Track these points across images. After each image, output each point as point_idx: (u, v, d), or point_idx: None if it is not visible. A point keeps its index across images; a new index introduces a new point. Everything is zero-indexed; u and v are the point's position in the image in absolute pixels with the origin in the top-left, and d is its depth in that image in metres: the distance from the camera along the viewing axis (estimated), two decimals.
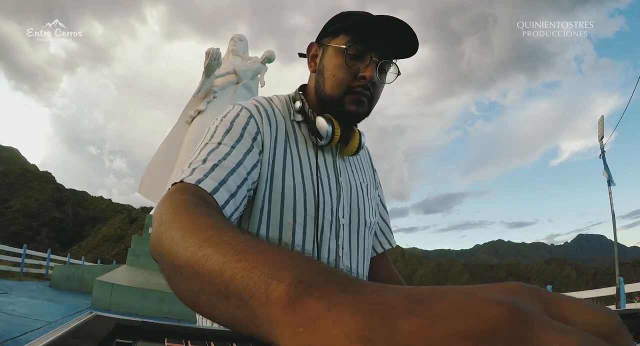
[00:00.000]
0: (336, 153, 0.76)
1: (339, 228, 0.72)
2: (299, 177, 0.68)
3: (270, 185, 0.66)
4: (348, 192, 0.76)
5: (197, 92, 10.18)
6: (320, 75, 0.71)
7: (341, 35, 0.68)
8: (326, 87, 0.70)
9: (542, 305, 0.16)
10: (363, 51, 0.67)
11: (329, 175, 0.72)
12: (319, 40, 0.74)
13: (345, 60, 0.67)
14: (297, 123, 0.73)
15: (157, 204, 0.51)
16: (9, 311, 4.41)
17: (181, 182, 0.54)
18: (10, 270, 10.43)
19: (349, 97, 0.68)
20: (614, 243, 7.60)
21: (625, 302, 6.41)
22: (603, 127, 8.11)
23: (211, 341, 0.46)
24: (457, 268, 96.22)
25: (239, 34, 11.02)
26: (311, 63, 0.75)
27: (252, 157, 0.62)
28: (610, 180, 7.60)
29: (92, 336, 0.39)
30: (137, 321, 0.44)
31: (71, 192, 79.53)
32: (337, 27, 0.69)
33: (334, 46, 0.69)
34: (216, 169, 0.55)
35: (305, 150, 0.71)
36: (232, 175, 0.56)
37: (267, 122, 0.67)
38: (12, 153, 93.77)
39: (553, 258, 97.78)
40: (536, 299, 0.17)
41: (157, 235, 0.40)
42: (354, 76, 0.67)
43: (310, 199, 0.68)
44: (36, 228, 60.00)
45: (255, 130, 0.64)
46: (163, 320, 0.47)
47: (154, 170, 10.86)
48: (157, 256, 0.40)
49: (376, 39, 0.67)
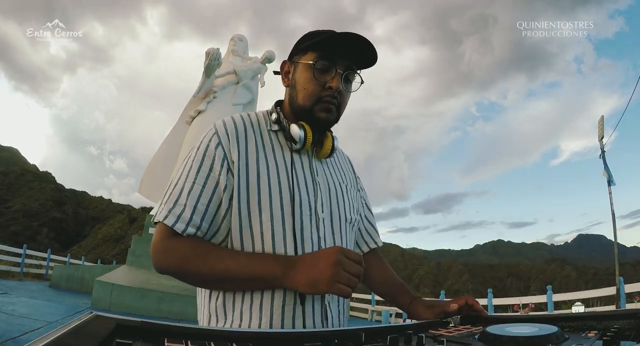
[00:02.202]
0: (312, 156, 0.84)
1: (319, 221, 0.79)
2: (274, 179, 0.76)
3: (247, 189, 0.75)
4: (326, 189, 0.83)
5: (197, 92, 10.18)
6: (293, 88, 0.82)
7: (309, 53, 0.79)
8: (298, 98, 0.80)
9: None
10: (329, 65, 0.78)
11: (305, 175, 0.81)
12: (291, 57, 0.85)
13: (313, 74, 0.78)
14: (274, 132, 0.83)
15: (154, 239, 0.73)
16: (9, 311, 4.40)
17: (160, 222, 0.73)
18: (10, 270, 10.43)
19: (318, 106, 0.79)
20: (614, 243, 7.60)
21: (625, 302, 6.41)
22: (603, 127, 8.10)
23: (211, 341, 0.46)
24: (457, 268, 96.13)
25: (239, 34, 11.01)
26: (285, 79, 0.86)
27: (221, 182, 0.74)
28: (610, 180, 7.60)
29: (92, 336, 0.39)
30: (137, 321, 0.44)
31: (71, 192, 79.54)
32: (305, 45, 0.80)
33: (303, 62, 0.80)
34: (192, 216, 0.72)
35: (281, 155, 0.80)
36: (202, 216, 0.73)
37: (234, 141, 0.77)
38: (12, 153, 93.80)
39: (553, 258, 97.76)
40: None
41: (180, 266, 0.71)
42: (322, 87, 0.78)
43: (286, 196, 0.76)
44: (36, 228, 60.01)
45: (222, 155, 0.75)
46: (163, 320, 0.47)
47: (154, 170, 10.84)
48: (179, 276, 0.74)
49: (339, 53, 0.77)
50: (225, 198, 0.74)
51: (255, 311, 0.72)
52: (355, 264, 0.65)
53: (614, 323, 0.61)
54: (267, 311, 0.71)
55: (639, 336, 0.54)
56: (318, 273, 0.64)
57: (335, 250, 0.65)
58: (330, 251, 0.66)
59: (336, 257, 0.64)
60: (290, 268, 0.67)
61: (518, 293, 48.75)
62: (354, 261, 0.65)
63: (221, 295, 0.75)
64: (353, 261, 0.65)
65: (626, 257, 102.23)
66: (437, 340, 0.53)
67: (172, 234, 0.72)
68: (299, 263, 0.68)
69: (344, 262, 0.64)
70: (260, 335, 0.50)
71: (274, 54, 11.05)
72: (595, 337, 0.55)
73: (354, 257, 0.66)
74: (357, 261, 0.66)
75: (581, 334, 0.59)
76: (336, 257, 0.64)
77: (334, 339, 0.53)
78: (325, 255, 0.66)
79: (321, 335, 0.54)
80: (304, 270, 0.66)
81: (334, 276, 0.63)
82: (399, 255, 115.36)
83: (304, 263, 0.67)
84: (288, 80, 0.85)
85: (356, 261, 0.66)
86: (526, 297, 8.51)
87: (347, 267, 0.64)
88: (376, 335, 0.58)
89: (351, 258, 0.65)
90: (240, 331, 0.50)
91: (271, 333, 0.52)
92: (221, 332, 0.49)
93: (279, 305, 0.71)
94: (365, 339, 0.54)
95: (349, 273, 0.64)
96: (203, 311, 0.78)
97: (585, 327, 0.64)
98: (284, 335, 0.53)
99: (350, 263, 0.65)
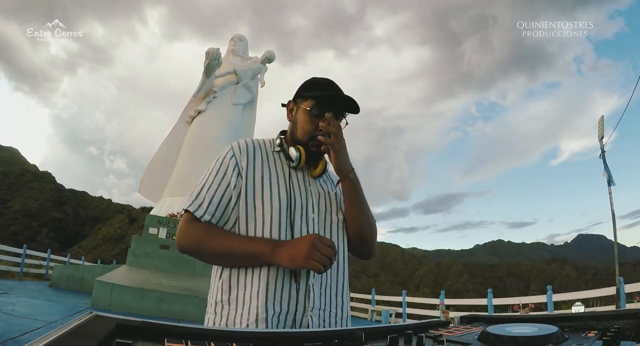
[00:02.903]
0: (306, 173, 1.09)
1: (309, 220, 1.01)
2: (275, 182, 1.01)
3: (253, 187, 0.99)
4: (317, 196, 1.06)
5: (197, 92, 10.17)
6: (294, 125, 1.08)
7: (308, 100, 1.06)
8: (297, 134, 1.07)
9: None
10: (321, 112, 1.03)
11: (299, 184, 1.05)
12: (295, 99, 1.11)
13: (309, 117, 1.04)
14: (277, 152, 1.09)
15: (180, 223, 0.99)
16: (9, 311, 4.41)
17: (188, 211, 0.98)
18: (10, 270, 10.43)
19: (312, 142, 1.05)
20: (614, 243, 7.60)
21: (625, 302, 6.41)
22: (603, 127, 8.10)
23: (211, 341, 0.46)
24: (457, 268, 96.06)
25: (239, 34, 11.00)
26: (289, 115, 1.11)
27: (232, 183, 0.99)
28: (610, 180, 7.60)
29: (92, 336, 0.39)
30: (137, 321, 0.44)
31: (71, 192, 79.51)
32: (305, 94, 1.07)
33: (303, 107, 1.06)
34: (209, 206, 0.98)
35: (281, 168, 1.06)
36: (216, 207, 0.98)
37: (245, 154, 1.03)
38: (12, 153, 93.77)
39: (553, 258, 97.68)
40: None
41: (197, 243, 0.96)
42: (315, 127, 1.04)
43: (283, 195, 0.99)
44: (36, 228, 60.00)
45: (234, 164, 1.01)
46: (163, 320, 0.47)
47: (154, 170, 10.83)
48: (195, 253, 0.98)
49: (331, 105, 1.05)
50: (234, 194, 0.98)
51: (255, 281, 0.92)
52: (327, 247, 0.85)
53: (614, 323, 0.61)
54: (263, 283, 0.91)
55: (639, 336, 0.54)
56: (297, 252, 0.85)
57: (313, 236, 0.88)
58: (309, 236, 0.89)
59: (312, 240, 0.86)
60: (277, 248, 0.89)
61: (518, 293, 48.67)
62: (327, 246, 0.86)
63: (226, 271, 0.97)
64: (326, 245, 0.86)
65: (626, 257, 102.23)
66: (437, 340, 0.54)
67: (193, 219, 0.96)
68: (284, 244, 0.90)
69: (319, 245, 0.85)
70: (260, 335, 0.50)
71: (274, 54, 11.04)
72: (595, 337, 0.55)
73: (327, 242, 0.86)
74: (329, 245, 0.86)
75: (581, 334, 0.59)
76: (312, 240, 0.86)
77: (334, 339, 0.53)
78: (304, 238, 0.88)
79: (321, 335, 0.54)
80: (287, 250, 0.87)
81: (309, 254, 0.84)
82: (399, 255, 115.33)
83: (287, 244, 0.89)
84: (291, 116, 1.10)
85: (329, 245, 0.86)
86: (526, 297, 8.51)
87: (320, 249, 0.85)
88: (376, 335, 0.58)
89: (325, 243, 0.86)
90: (240, 331, 0.50)
91: (271, 333, 0.52)
92: (221, 332, 0.49)
93: (274, 276, 0.91)
94: (365, 339, 0.54)
95: (322, 254, 0.85)
96: (213, 288, 0.99)
97: (585, 327, 0.64)
98: (284, 335, 0.53)
99: (323, 247, 0.85)
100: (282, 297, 0.90)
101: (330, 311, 0.96)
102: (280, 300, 0.90)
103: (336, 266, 1.02)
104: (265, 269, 0.92)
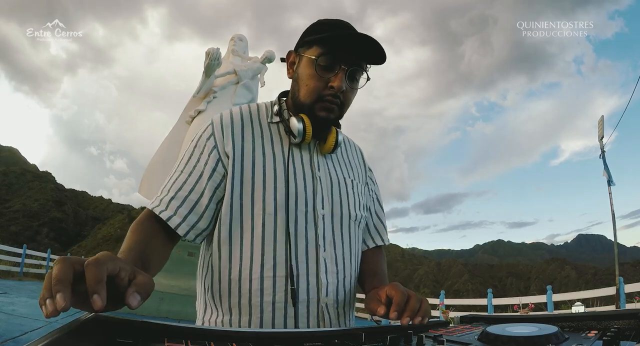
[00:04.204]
0: (313, 151, 0.82)
1: (317, 218, 0.76)
2: (270, 171, 0.75)
3: (241, 180, 0.74)
4: (328, 185, 0.81)
5: (197, 92, 10.18)
6: (296, 83, 0.79)
7: (314, 47, 0.75)
8: (300, 94, 0.78)
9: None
10: (332, 61, 0.74)
11: (304, 170, 0.78)
12: (296, 49, 0.81)
13: (315, 70, 0.74)
14: (275, 124, 0.82)
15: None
16: (9, 311, 4.40)
17: (150, 208, 0.74)
18: (10, 270, 10.42)
19: (319, 105, 0.76)
20: (614, 243, 7.59)
21: (625, 302, 6.41)
22: (603, 127, 8.10)
23: (211, 341, 0.46)
24: (457, 268, 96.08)
25: (239, 34, 11.00)
26: (289, 70, 0.82)
27: (205, 173, 0.74)
28: (610, 180, 7.60)
29: (92, 336, 0.39)
30: (137, 321, 0.44)
31: (71, 192, 79.52)
32: (310, 39, 0.76)
33: (307, 57, 0.76)
34: (172, 201, 0.73)
35: (280, 148, 0.79)
36: (184, 204, 0.73)
37: (229, 133, 0.77)
38: (12, 153, 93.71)
39: (553, 258, 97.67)
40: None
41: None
42: (324, 85, 0.75)
43: (280, 190, 0.74)
44: (36, 228, 59.96)
45: (212, 146, 0.76)
46: (163, 320, 0.47)
47: (154, 170, 10.83)
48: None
49: (345, 50, 0.73)
50: (209, 187, 0.73)
51: (245, 307, 0.72)
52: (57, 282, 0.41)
53: (614, 323, 0.61)
54: (256, 309, 0.71)
55: (639, 336, 0.54)
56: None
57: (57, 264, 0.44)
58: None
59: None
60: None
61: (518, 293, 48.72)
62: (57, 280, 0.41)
63: (210, 288, 0.76)
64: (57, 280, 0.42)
65: (626, 257, 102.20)
66: (437, 340, 0.53)
67: (148, 218, 0.73)
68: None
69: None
70: (260, 335, 0.50)
71: (274, 53, 11.03)
72: (595, 337, 0.55)
73: (58, 273, 0.42)
74: (59, 279, 0.41)
75: (581, 334, 0.59)
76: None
77: (334, 339, 0.53)
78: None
79: (321, 334, 0.54)
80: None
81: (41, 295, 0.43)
82: (399, 255, 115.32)
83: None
84: (292, 71, 0.81)
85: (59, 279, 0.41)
86: (526, 297, 8.51)
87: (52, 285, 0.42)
88: (376, 335, 0.58)
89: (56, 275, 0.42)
90: (240, 331, 0.50)
91: (271, 333, 0.52)
92: (221, 332, 0.49)
93: (269, 302, 0.71)
94: (365, 339, 0.54)
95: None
96: (200, 300, 0.81)
97: (585, 327, 0.64)
98: (284, 335, 0.53)
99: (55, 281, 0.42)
100: (285, 323, 0.72)
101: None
102: (284, 327, 0.72)
103: (348, 285, 0.80)
104: (258, 289, 0.72)
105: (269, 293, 0.71)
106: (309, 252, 0.74)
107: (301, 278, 0.73)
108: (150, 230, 0.71)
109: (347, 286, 0.80)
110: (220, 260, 0.75)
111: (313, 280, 0.74)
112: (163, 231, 0.72)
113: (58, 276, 0.41)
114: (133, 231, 0.69)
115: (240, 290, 0.72)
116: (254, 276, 0.72)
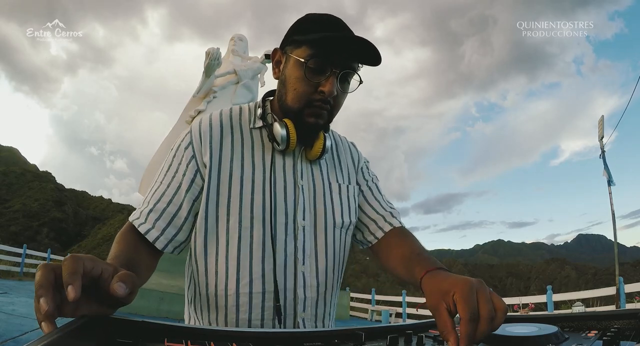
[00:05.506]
0: (298, 157, 0.76)
1: (297, 230, 0.72)
2: (247, 182, 0.70)
3: (217, 192, 0.70)
4: (311, 194, 0.76)
5: (197, 92, 10.17)
6: (283, 85, 0.73)
7: (303, 47, 0.69)
8: (288, 98, 0.71)
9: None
10: (323, 65, 0.68)
11: (285, 179, 0.73)
12: (283, 46, 0.74)
13: (305, 73, 0.68)
14: (258, 129, 0.76)
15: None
16: (9, 311, 4.40)
17: (130, 221, 0.71)
18: (10, 270, 10.42)
19: (308, 110, 0.70)
20: (614, 243, 7.59)
21: (625, 302, 6.40)
22: (603, 127, 8.10)
23: (211, 341, 0.46)
24: (457, 268, 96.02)
25: (239, 34, 11.00)
26: (275, 69, 0.76)
27: (183, 185, 0.70)
28: (610, 180, 7.60)
29: (92, 336, 0.39)
30: (137, 321, 0.44)
31: (71, 192, 79.55)
32: (299, 39, 0.69)
33: (295, 57, 0.69)
34: (150, 214, 0.70)
35: (260, 155, 0.73)
36: (162, 216, 0.70)
37: (207, 141, 0.71)
38: (12, 153, 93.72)
39: (553, 258, 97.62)
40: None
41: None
42: (314, 89, 0.69)
43: (258, 202, 0.70)
44: (36, 228, 59.99)
45: (190, 156, 0.71)
46: (163, 320, 0.47)
47: (154, 170, 10.80)
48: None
49: (337, 52, 0.67)
50: (187, 199, 0.70)
51: (222, 323, 0.70)
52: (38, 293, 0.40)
53: (614, 323, 0.61)
54: (232, 325, 0.70)
55: (639, 336, 0.54)
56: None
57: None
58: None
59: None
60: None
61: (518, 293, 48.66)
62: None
63: (193, 300, 0.75)
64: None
65: (626, 257, 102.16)
66: (437, 340, 0.53)
67: (128, 230, 0.69)
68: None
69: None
70: (260, 335, 0.50)
71: None
72: (595, 337, 0.55)
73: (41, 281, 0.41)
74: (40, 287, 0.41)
75: (581, 334, 0.59)
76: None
77: (334, 339, 0.53)
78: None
79: (321, 334, 0.54)
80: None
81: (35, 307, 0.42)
82: None
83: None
84: (278, 72, 0.75)
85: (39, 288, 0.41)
86: (526, 297, 8.50)
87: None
88: (376, 335, 0.58)
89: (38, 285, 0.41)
90: (240, 331, 0.50)
91: (271, 333, 0.52)
92: (221, 332, 0.49)
93: (245, 319, 0.69)
94: (365, 339, 0.54)
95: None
96: (185, 311, 0.80)
97: (585, 327, 0.64)
98: (285, 334, 0.53)
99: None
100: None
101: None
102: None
103: (329, 297, 0.77)
104: (246, 306, 0.70)
105: (245, 310, 0.69)
106: (287, 267, 0.71)
107: (279, 293, 0.69)
108: (134, 242, 0.68)
109: (328, 298, 0.77)
110: (198, 274, 0.73)
111: (290, 296, 0.71)
112: (145, 243, 0.69)
113: (39, 281, 0.41)
114: (118, 242, 0.66)
115: (217, 306, 0.71)
116: (229, 292, 0.69)
